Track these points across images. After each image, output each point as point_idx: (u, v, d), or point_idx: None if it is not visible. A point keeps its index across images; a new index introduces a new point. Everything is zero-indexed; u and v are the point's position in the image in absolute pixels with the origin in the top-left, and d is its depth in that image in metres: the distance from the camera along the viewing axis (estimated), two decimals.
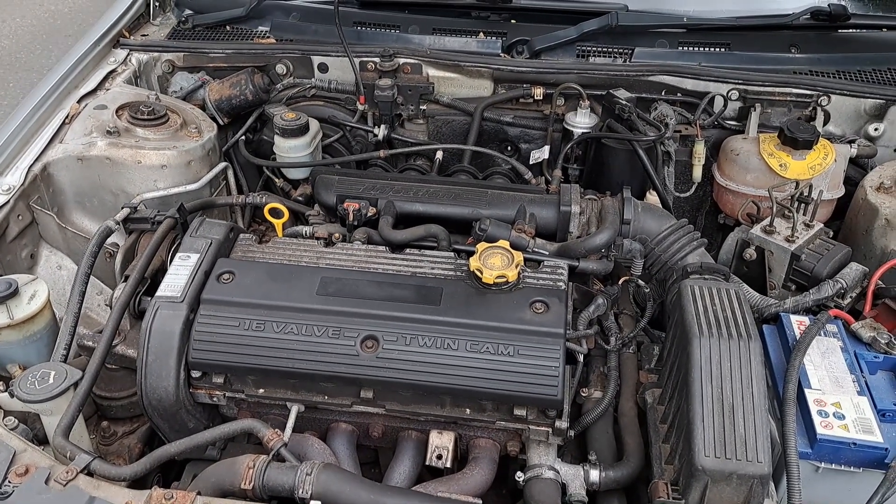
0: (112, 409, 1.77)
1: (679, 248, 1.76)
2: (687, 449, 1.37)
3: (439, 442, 1.56)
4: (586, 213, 1.82)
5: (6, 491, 1.29)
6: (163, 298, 1.56)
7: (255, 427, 1.43)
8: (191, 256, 1.64)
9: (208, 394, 1.59)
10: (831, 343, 1.60)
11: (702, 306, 1.53)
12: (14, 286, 1.63)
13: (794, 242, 1.77)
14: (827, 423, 1.42)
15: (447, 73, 2.23)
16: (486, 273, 1.56)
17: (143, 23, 2.49)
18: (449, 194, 1.85)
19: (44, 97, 2.03)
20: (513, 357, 1.47)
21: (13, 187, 1.83)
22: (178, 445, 1.43)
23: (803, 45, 2.23)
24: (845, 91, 2.11)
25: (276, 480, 1.34)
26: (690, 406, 1.39)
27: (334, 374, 1.50)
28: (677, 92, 2.17)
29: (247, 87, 2.20)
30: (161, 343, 1.52)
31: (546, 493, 1.49)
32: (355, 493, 1.33)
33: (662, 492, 1.39)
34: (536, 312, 1.53)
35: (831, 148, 1.97)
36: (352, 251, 1.70)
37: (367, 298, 1.55)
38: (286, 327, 1.52)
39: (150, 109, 2.03)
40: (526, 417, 1.51)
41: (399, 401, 1.54)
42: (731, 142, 2.07)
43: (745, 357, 1.43)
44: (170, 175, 1.97)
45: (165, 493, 1.28)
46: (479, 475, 1.55)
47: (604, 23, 2.17)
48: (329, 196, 1.87)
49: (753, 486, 1.32)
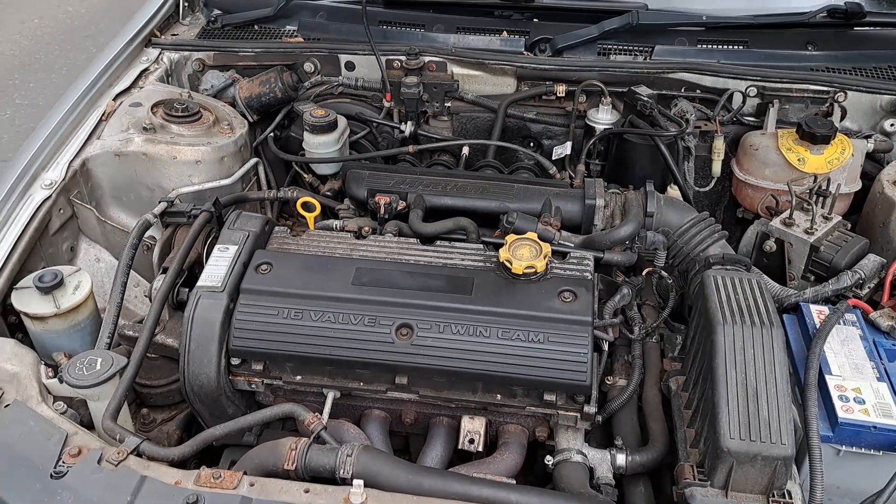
0: (151, 397, 1.83)
1: (701, 239, 1.81)
2: (712, 432, 1.42)
3: (471, 427, 1.61)
4: (610, 206, 1.87)
5: (61, 471, 1.35)
6: (204, 288, 1.62)
7: (296, 411, 1.49)
8: (229, 248, 1.70)
9: (247, 381, 1.65)
10: (850, 331, 1.65)
11: (724, 295, 1.58)
12: (60, 277, 1.69)
13: (813, 234, 1.82)
14: (848, 407, 1.47)
15: (471, 71, 2.29)
16: (515, 264, 1.61)
17: (173, 22, 2.56)
18: (476, 188, 1.90)
19: (81, 95, 2.10)
20: (543, 344, 1.53)
21: (55, 182, 1.89)
22: (222, 428, 1.48)
23: (820, 42, 2.28)
24: (861, 87, 2.15)
25: (317, 461, 1.40)
26: (715, 391, 1.44)
27: (370, 360, 1.56)
28: (696, 89, 2.22)
29: (276, 85, 2.26)
30: (203, 331, 1.58)
31: (575, 476, 1.55)
32: (394, 473, 1.38)
33: (688, 474, 1.44)
34: (565, 301, 1.58)
35: (848, 143, 2.02)
36: (384, 243, 1.76)
37: (401, 288, 1.61)
38: (323, 316, 1.58)
39: (184, 107, 2.09)
40: (555, 403, 1.57)
41: (432, 387, 1.60)
42: (749, 137, 2.12)
43: (767, 343, 1.48)
44: (204, 170, 2.02)
45: (214, 472, 1.34)
46: (510, 459, 1.60)
47: (625, 21, 2.22)
48: (360, 190, 1.93)
49: (777, 467, 1.37)
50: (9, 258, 1.73)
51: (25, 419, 1.44)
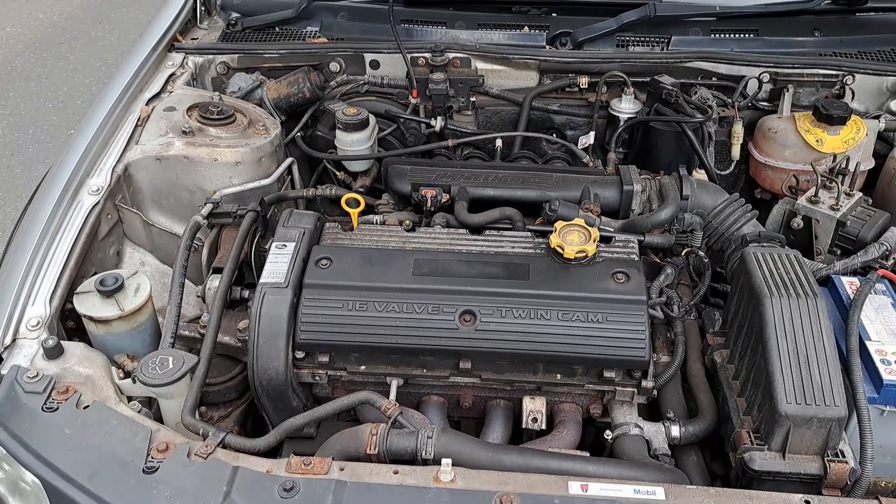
0: (209, 395, 1.86)
1: (735, 219, 1.90)
2: (768, 399, 1.50)
3: (533, 406, 1.68)
4: (646, 191, 1.95)
5: (153, 466, 1.39)
6: (268, 285, 1.66)
7: (372, 398, 1.54)
8: (287, 245, 1.75)
9: (311, 373, 1.70)
10: (882, 300, 1.74)
11: (767, 270, 1.66)
12: (121, 280, 1.72)
13: (838, 211, 1.92)
14: (891, 369, 1.56)
15: (495, 66, 2.35)
16: (567, 249, 1.68)
17: (191, 27, 2.58)
18: (517, 178, 1.97)
19: (115, 101, 2.11)
20: (601, 323, 1.60)
21: (102, 188, 1.91)
22: (302, 418, 1.53)
23: (826, 28, 2.39)
24: (868, 70, 2.26)
25: (398, 445, 1.46)
26: (769, 360, 1.52)
27: (436, 347, 1.62)
28: (712, 76, 2.32)
29: (304, 85, 2.30)
30: (270, 326, 1.63)
31: (635, 447, 1.62)
32: (474, 452, 1.45)
33: (746, 439, 1.52)
34: (618, 282, 1.66)
35: (862, 123, 2.13)
36: (435, 234, 1.82)
37: (461, 276, 1.67)
38: (387, 306, 1.64)
39: (219, 109, 2.12)
40: (614, 379, 1.64)
41: (495, 370, 1.66)
42: (767, 121, 2.22)
43: (813, 313, 1.57)
44: (243, 171, 2.06)
45: (304, 459, 1.39)
46: (569, 435, 1.68)
47: (642, 14, 2.31)
48: (403, 184, 1.98)
49: (832, 428, 1.45)
50: (66, 264, 1.75)
51: (108, 419, 1.48)
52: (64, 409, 1.47)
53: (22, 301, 1.65)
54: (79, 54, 6.28)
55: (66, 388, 1.51)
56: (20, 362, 1.56)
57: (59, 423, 1.45)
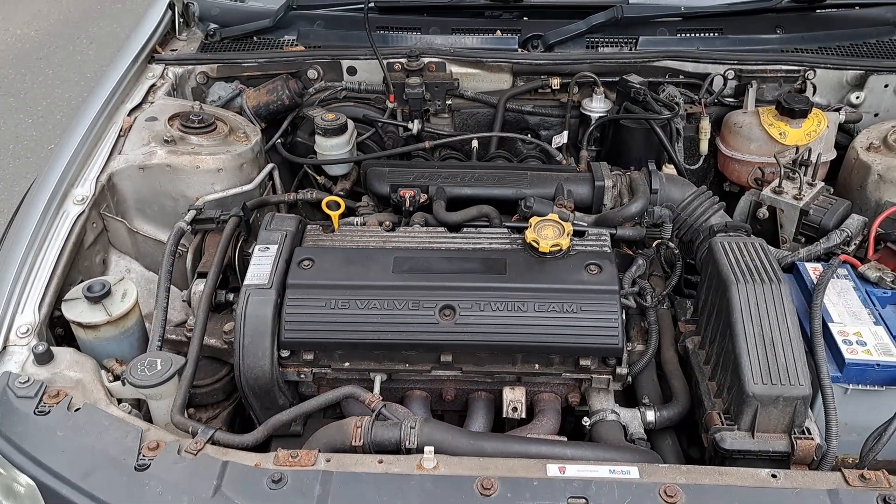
0: (196, 397, 1.90)
1: (702, 211, 1.97)
2: (736, 381, 1.56)
3: (513, 396, 1.74)
4: (617, 186, 2.02)
5: (144, 463, 1.43)
6: (252, 286, 1.71)
7: (356, 392, 1.59)
8: (269, 248, 1.80)
9: (296, 371, 1.75)
10: (844, 284, 1.82)
11: (733, 258, 1.73)
12: (107, 286, 1.76)
13: (801, 200, 1.99)
14: (852, 349, 1.64)
15: (470, 70, 2.42)
16: (542, 243, 1.74)
17: (171, 39, 2.62)
18: (493, 177, 2.03)
19: (98, 113, 2.15)
20: (577, 313, 1.66)
21: (86, 197, 1.95)
22: (288, 414, 1.58)
23: (787, 25, 2.48)
24: (829, 65, 2.35)
25: (383, 436, 1.51)
26: (736, 344, 1.58)
27: (418, 341, 1.67)
28: (679, 74, 2.39)
29: (283, 93, 2.36)
30: (255, 326, 1.67)
31: (612, 432, 1.68)
32: (456, 440, 1.50)
33: (717, 420, 1.59)
34: (592, 273, 1.72)
35: (823, 116, 2.21)
36: (414, 233, 1.87)
37: (440, 272, 1.73)
38: (369, 304, 1.69)
39: (200, 118, 2.16)
40: (590, 367, 1.70)
41: (475, 362, 1.72)
42: (732, 116, 2.30)
43: (777, 297, 1.64)
44: (225, 178, 2.10)
45: (291, 452, 1.44)
46: (549, 423, 1.73)
47: (610, 15, 2.39)
48: (382, 186, 2.04)
49: (797, 406, 1.52)
50: (53, 272, 1.79)
51: (99, 420, 1.51)
52: (56, 412, 1.51)
53: (11, 309, 1.69)
54: (57, 69, 6.28)
55: (57, 391, 1.54)
56: (11, 368, 1.59)
57: (51, 425, 1.49)
